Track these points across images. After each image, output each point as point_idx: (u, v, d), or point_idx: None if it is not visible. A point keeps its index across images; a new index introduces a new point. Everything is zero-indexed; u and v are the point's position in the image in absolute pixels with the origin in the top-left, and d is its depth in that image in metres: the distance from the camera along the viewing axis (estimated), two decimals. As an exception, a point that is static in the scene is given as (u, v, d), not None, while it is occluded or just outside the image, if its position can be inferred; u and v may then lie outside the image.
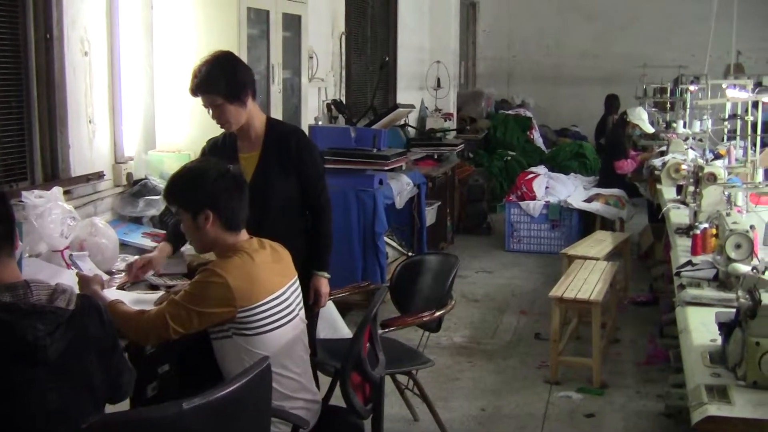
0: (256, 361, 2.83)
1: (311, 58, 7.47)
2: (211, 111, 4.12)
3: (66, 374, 2.52)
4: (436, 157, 10.02)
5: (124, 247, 4.72)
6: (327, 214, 4.37)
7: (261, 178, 4.19)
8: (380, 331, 4.14)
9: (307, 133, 6.63)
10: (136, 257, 4.25)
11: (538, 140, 14.90)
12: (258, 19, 5.94)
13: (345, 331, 5.74)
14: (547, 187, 10.43)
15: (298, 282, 3.61)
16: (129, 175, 5.42)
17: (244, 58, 5.60)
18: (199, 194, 3.39)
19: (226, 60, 4.16)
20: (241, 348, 3.31)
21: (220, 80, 4.04)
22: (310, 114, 7.36)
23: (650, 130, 10.74)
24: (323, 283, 4.34)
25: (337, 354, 4.20)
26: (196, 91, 4.08)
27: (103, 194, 5.24)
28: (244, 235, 3.50)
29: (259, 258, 3.41)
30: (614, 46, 16.69)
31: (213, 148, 4.37)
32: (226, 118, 4.12)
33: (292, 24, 6.48)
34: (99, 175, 5.19)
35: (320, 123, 7.85)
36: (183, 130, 5.72)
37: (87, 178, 5.05)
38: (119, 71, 5.34)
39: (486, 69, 17.49)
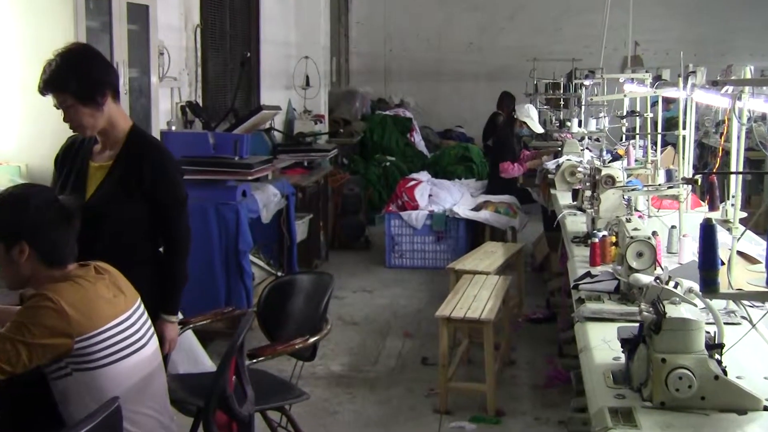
0: (104, 403, 2.76)
1: (162, 54, 7.36)
2: (63, 113, 3.99)
3: None
4: (306, 164, 10.00)
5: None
6: (182, 247, 4.27)
7: (102, 195, 4.09)
8: (248, 363, 4.08)
9: (159, 140, 6.54)
10: None
11: (420, 143, 15.01)
12: (98, 9, 5.81)
13: (207, 364, 5.65)
14: (430, 195, 10.50)
15: (143, 306, 3.53)
16: (-53, 192, 5.22)
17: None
18: (16, 223, 3.29)
19: (81, 54, 4.04)
20: (85, 387, 3.20)
21: (71, 77, 3.91)
22: (162, 118, 7.25)
23: (539, 129, 10.94)
24: (168, 328, 4.24)
25: (199, 390, 4.13)
26: (44, 88, 3.94)
27: None
28: (72, 267, 3.40)
29: (98, 282, 3.32)
30: (501, 38, 16.97)
31: (68, 149, 4.26)
32: (78, 122, 3.99)
33: (139, 15, 6.36)
34: None
35: (173, 128, 7.73)
36: (11, 139, 5.55)
37: None
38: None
39: (360, 65, 17.55)
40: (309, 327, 4.81)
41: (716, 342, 3.04)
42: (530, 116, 10.66)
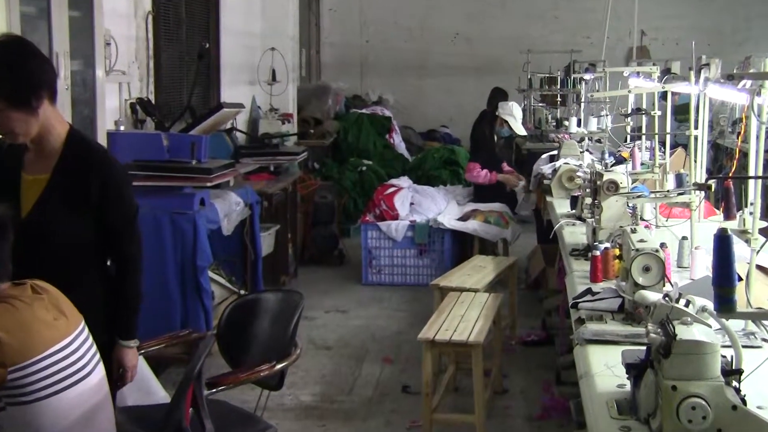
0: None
1: (109, 44, 7.32)
2: None
3: None
4: (272, 169, 9.97)
5: None
6: (135, 266, 4.24)
7: (42, 211, 4.03)
8: (206, 392, 4.07)
9: (105, 141, 6.52)
10: None
11: (400, 145, 15.02)
12: (35, -8, 5.79)
13: (161, 395, 5.63)
14: (412, 204, 10.50)
15: (87, 330, 3.50)
16: None
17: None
18: None
19: (14, 49, 3.95)
20: (20, 424, 3.18)
21: (2, 78, 3.83)
22: (109, 117, 7.21)
23: (520, 130, 10.89)
24: (128, 354, 4.22)
25: (151, 424, 4.12)
26: None
27: None
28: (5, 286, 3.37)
29: (35, 303, 3.29)
30: (491, 27, 17.01)
31: None
32: (9, 128, 3.91)
33: (82, 0, 6.33)
34: None
35: (122, 128, 7.68)
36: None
37: None
38: None
39: (333, 58, 17.56)
40: (276, 352, 4.79)
41: (734, 367, 3.04)
42: (512, 115, 10.59)
